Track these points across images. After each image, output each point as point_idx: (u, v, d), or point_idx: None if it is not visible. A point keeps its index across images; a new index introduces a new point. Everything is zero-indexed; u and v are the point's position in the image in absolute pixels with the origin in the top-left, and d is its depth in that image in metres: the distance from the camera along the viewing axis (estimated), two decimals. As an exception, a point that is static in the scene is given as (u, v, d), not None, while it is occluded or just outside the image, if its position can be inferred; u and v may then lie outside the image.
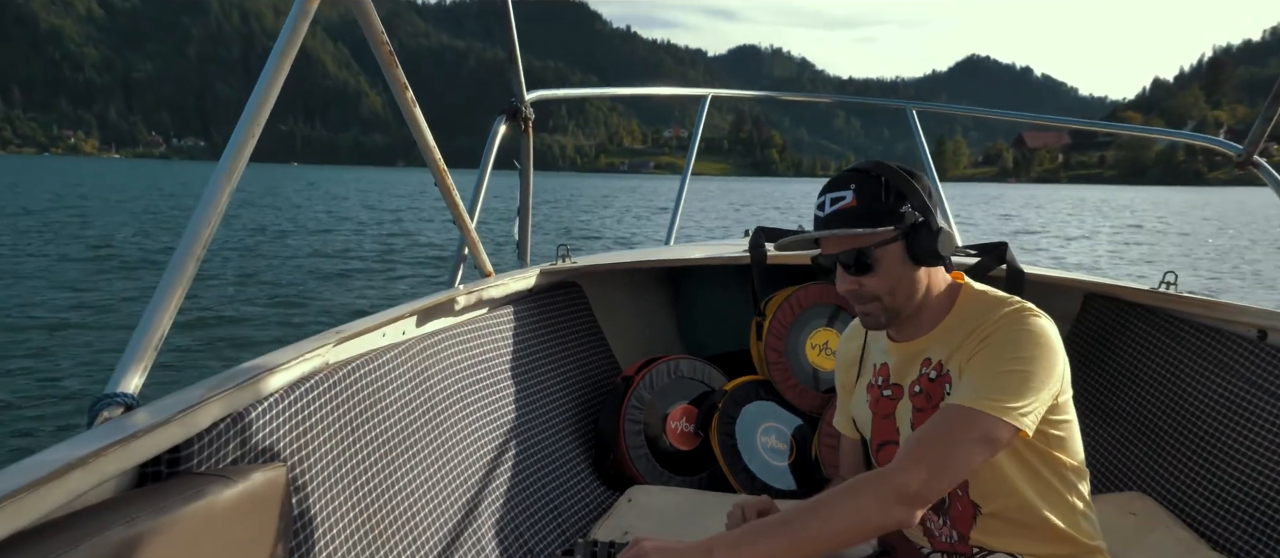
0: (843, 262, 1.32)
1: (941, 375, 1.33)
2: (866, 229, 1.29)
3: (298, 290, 10.98)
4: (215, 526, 1.06)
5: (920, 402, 1.35)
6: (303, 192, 43.58)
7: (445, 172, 1.99)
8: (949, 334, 1.34)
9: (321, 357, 1.44)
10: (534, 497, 2.05)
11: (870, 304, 1.33)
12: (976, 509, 1.34)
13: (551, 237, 18.83)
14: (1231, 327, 2.09)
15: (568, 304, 2.60)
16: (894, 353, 1.41)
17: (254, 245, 16.22)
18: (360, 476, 1.48)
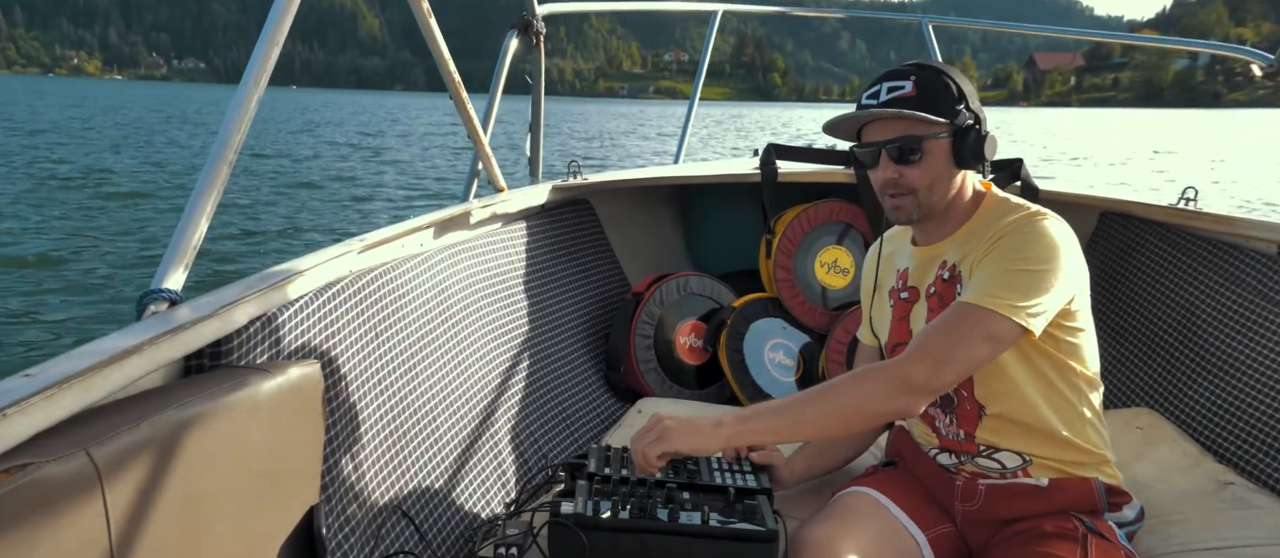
0: (889, 148, 1.32)
1: (954, 277, 1.35)
2: (921, 118, 1.30)
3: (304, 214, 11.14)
4: (259, 414, 1.12)
5: (934, 303, 1.39)
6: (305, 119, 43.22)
7: (461, 86, 2.01)
8: (967, 238, 1.36)
9: (347, 264, 1.49)
10: (547, 406, 2.10)
11: (905, 197, 1.34)
12: (982, 410, 1.37)
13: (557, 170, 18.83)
14: (1249, 243, 2.08)
15: (578, 221, 2.62)
16: (915, 257, 1.44)
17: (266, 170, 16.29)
18: (385, 377, 1.53)
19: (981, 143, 1.32)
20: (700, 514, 1.33)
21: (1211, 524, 1.58)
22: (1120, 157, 22.77)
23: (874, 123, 1.34)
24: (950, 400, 1.41)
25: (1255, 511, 1.63)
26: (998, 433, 1.38)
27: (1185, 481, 1.79)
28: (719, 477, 1.48)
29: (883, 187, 1.36)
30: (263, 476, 1.13)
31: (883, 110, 1.31)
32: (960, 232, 1.38)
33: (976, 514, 1.41)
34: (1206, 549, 1.49)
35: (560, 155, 22.15)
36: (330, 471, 1.31)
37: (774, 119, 57.48)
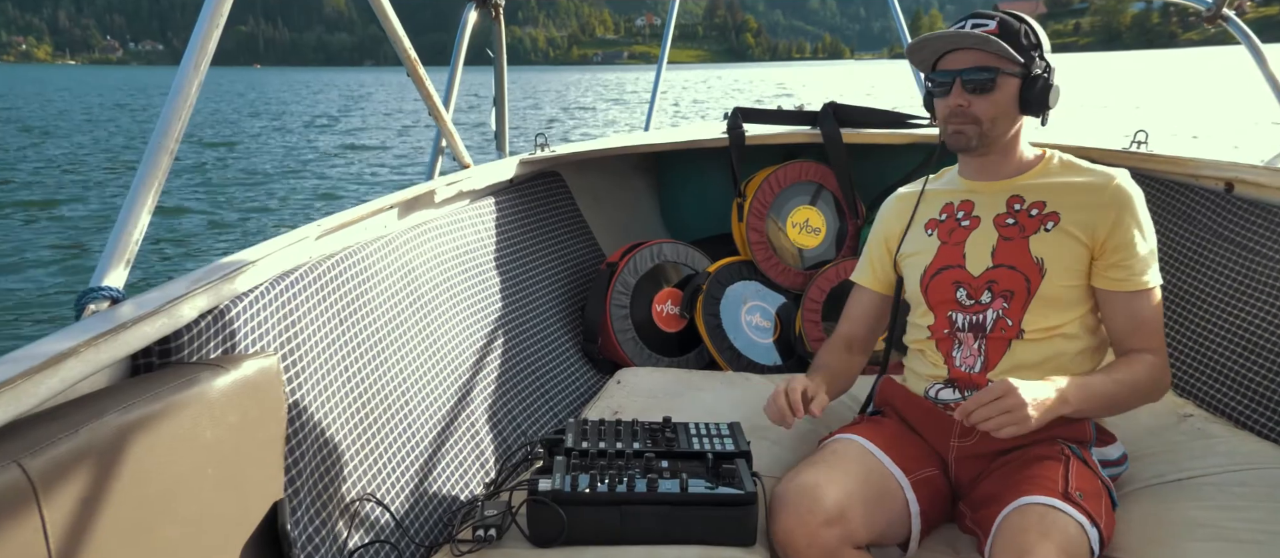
0: (965, 76, 1.41)
1: (1045, 214, 1.46)
2: (1000, 51, 1.39)
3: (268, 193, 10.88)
4: (213, 411, 1.08)
5: (1011, 231, 1.47)
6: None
7: (418, 63, 1.96)
8: (1045, 183, 1.48)
9: (305, 251, 1.45)
10: (525, 382, 2.09)
11: (968, 126, 1.43)
12: (1020, 334, 1.45)
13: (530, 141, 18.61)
14: (1199, 181, 2.13)
15: (549, 193, 2.60)
16: (979, 191, 1.53)
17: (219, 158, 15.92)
18: (352, 365, 1.50)
19: (1048, 92, 1.43)
20: (679, 482, 1.33)
21: (1173, 456, 1.64)
22: (1079, 101, 22.94)
23: (953, 52, 1.43)
24: (982, 327, 1.48)
25: (1212, 440, 1.69)
26: (1017, 365, 1.45)
27: (1148, 416, 1.83)
28: (697, 443, 1.49)
29: (949, 114, 1.44)
30: (219, 476, 1.10)
31: (968, 35, 1.39)
32: (1032, 174, 1.50)
33: (971, 449, 1.46)
34: (1170, 481, 1.55)
35: (542, 124, 21.86)
36: (295, 465, 1.28)
37: (758, 78, 57.17)
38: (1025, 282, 1.44)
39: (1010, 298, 1.45)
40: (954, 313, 1.50)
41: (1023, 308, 1.44)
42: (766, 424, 1.90)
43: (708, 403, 2.03)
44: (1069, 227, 1.43)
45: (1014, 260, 1.45)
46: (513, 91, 3.24)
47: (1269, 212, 1.96)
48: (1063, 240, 1.43)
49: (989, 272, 1.47)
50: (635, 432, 1.53)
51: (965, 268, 1.50)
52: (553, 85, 58.34)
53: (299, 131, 21.34)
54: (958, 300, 1.49)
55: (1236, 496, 1.47)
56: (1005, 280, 1.45)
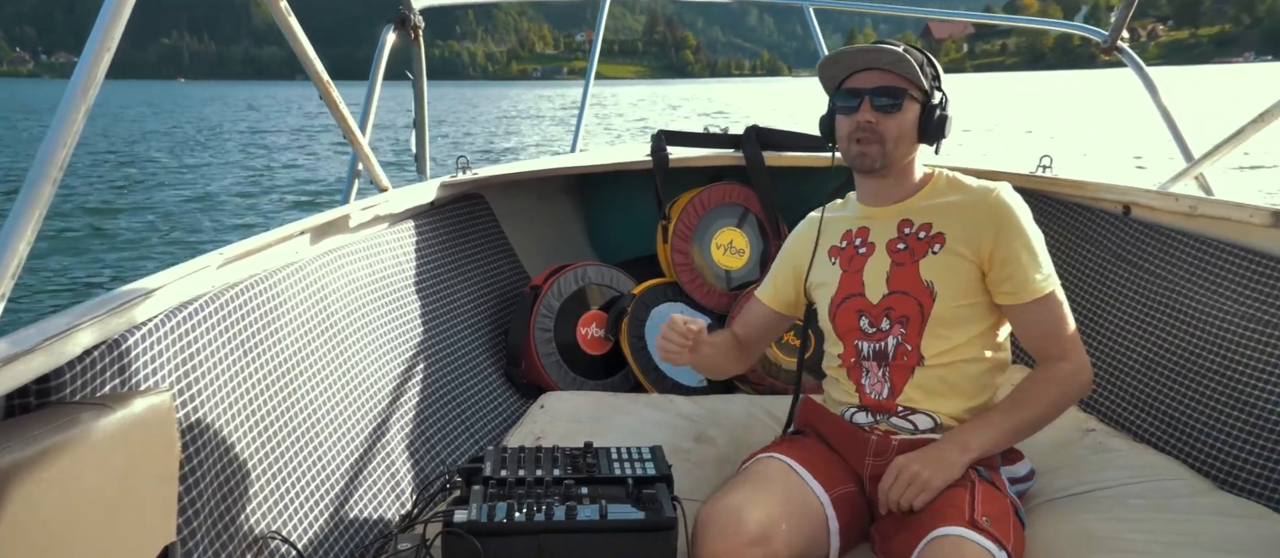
0: (875, 94, 1.46)
1: (931, 236, 1.49)
2: (907, 74, 1.45)
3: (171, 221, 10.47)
4: (96, 453, 1.03)
5: (902, 257, 1.51)
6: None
7: (330, 85, 1.91)
8: (932, 205, 1.52)
9: (207, 280, 1.41)
10: (445, 409, 2.05)
11: (873, 145, 1.47)
12: (921, 360, 1.48)
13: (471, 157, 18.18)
14: (1098, 204, 2.23)
15: (471, 216, 2.56)
16: (874, 217, 1.57)
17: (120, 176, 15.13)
18: (257, 397, 1.46)
19: (944, 122, 1.50)
20: (598, 508, 1.32)
21: (1075, 470, 1.70)
22: (997, 121, 23.81)
23: (862, 72, 1.49)
24: (885, 354, 1.51)
25: (1113, 454, 1.77)
26: (923, 390, 1.48)
27: (1054, 431, 1.87)
28: (618, 468, 1.47)
29: (854, 130, 1.48)
30: (105, 521, 1.05)
31: (884, 51, 1.45)
32: (920, 196, 1.53)
33: (885, 466, 1.47)
34: (1072, 495, 1.61)
35: (484, 140, 21.32)
36: (191, 505, 1.24)
37: (699, 95, 57.42)
38: (918, 306, 1.47)
39: (907, 323, 1.48)
40: (859, 342, 1.54)
41: (919, 333, 1.47)
42: (689, 447, 1.91)
43: (632, 426, 2.03)
44: (955, 246, 1.47)
45: (906, 286, 1.49)
46: (452, 108, 3.21)
47: (1162, 234, 2.05)
48: (950, 261, 1.47)
49: (886, 298, 1.50)
50: (556, 458, 1.52)
51: (865, 295, 1.53)
52: (491, 99, 57.90)
53: (215, 149, 20.55)
54: (861, 329, 1.53)
55: (1134, 508, 1.53)
56: (900, 306, 1.49)
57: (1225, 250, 1.89)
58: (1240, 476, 1.69)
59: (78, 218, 10.18)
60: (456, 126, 27.96)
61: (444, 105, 43.45)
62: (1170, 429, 1.87)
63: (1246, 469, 1.69)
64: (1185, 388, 1.88)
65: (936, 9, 3.69)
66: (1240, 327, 1.80)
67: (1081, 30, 2.68)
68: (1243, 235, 1.88)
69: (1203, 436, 1.79)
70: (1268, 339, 1.75)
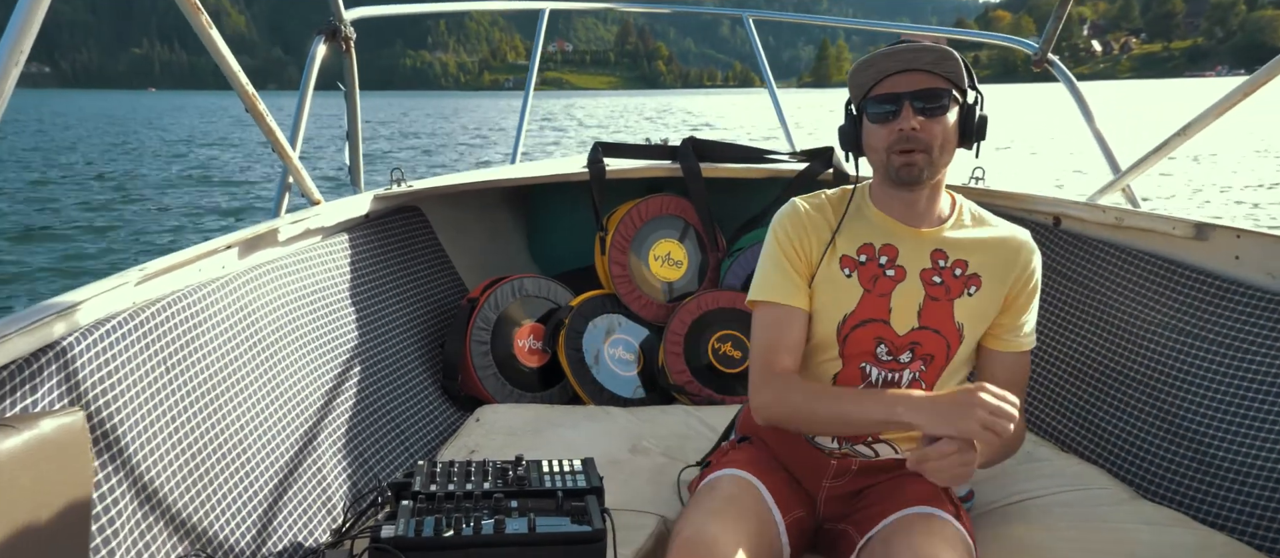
0: (916, 98, 1.32)
1: (968, 277, 1.40)
2: (950, 74, 1.33)
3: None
4: (0, 477, 1.01)
5: (938, 292, 1.40)
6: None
7: (256, 98, 1.88)
8: (962, 239, 1.42)
9: (126, 296, 1.39)
10: (379, 423, 2.03)
11: (919, 153, 1.33)
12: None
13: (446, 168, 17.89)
14: (1031, 215, 2.26)
15: (408, 229, 2.54)
16: (903, 236, 1.41)
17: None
18: (180, 415, 1.44)
19: (984, 125, 1.38)
20: (527, 522, 1.31)
21: (1005, 479, 1.72)
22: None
23: (897, 74, 1.33)
24: (897, 386, 1.42)
25: (1039, 463, 1.79)
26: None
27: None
28: (549, 481, 1.46)
29: (897, 140, 1.33)
30: (10, 546, 1.03)
31: (926, 49, 1.32)
32: (948, 225, 1.42)
33: (842, 488, 1.46)
34: (1000, 505, 1.62)
35: (457, 149, 20.99)
36: (109, 525, 1.22)
37: (674, 105, 57.45)
38: (946, 346, 1.40)
39: (929, 362, 1.40)
40: (869, 366, 1.42)
41: (939, 372, 1.41)
42: (624, 459, 1.90)
43: (568, 438, 2.02)
44: (989, 292, 1.40)
45: (938, 324, 1.39)
46: (424, 117, 3.20)
47: (1090, 245, 2.08)
48: (983, 307, 1.40)
49: (914, 332, 1.39)
50: (486, 472, 1.50)
51: (890, 325, 1.40)
52: (466, 109, 57.65)
53: (168, 162, 19.77)
54: (876, 356, 1.41)
55: (1058, 516, 1.55)
56: (928, 344, 1.40)
57: (1149, 262, 1.92)
58: (1161, 484, 1.72)
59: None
60: (434, 138, 27.69)
61: (419, 115, 43.28)
62: (1096, 438, 1.89)
63: (1166, 478, 1.71)
64: (1110, 397, 1.90)
65: (862, 20, 3.72)
66: (1162, 337, 1.83)
67: (1014, 43, 2.72)
68: (1166, 247, 1.91)
69: (1126, 444, 1.82)
70: (1187, 349, 1.77)
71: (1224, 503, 1.60)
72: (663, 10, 3.64)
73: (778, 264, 1.45)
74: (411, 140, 26.31)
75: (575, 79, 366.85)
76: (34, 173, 16.43)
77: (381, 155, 20.23)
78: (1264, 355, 1.65)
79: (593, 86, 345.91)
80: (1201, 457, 1.67)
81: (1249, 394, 1.65)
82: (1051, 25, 2.43)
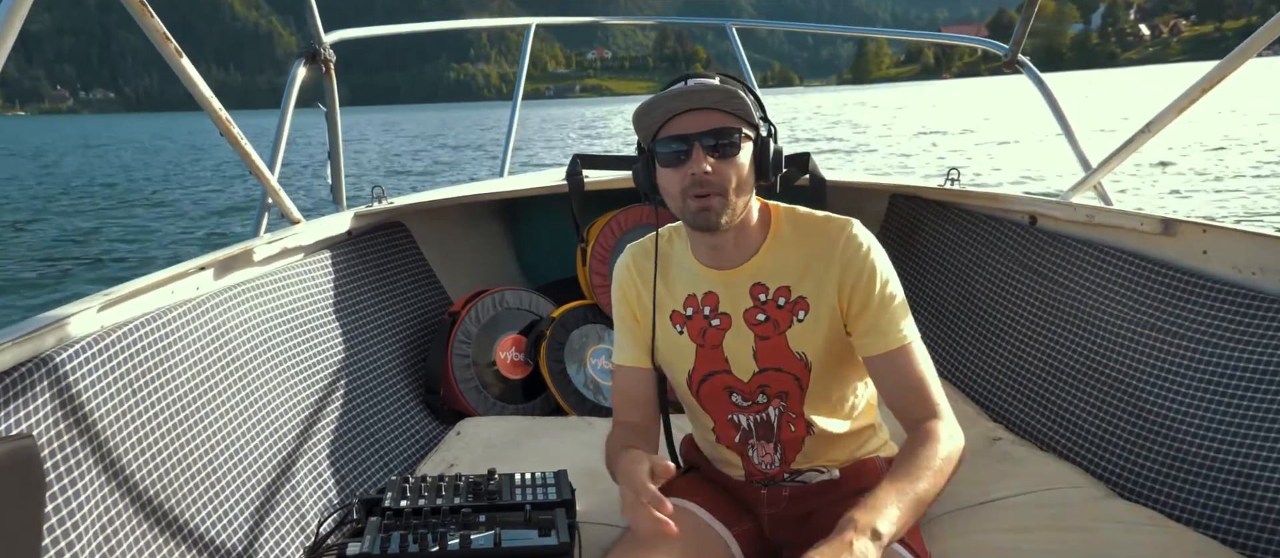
0: (706, 140, 1.26)
1: (793, 303, 1.33)
2: (738, 111, 1.27)
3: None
4: None
5: (766, 329, 1.34)
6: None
7: (231, 122, 1.92)
8: (778, 260, 1.34)
9: (87, 321, 1.40)
10: (358, 440, 2.04)
11: (715, 197, 1.26)
12: (810, 428, 1.38)
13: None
14: (1008, 215, 2.25)
15: (391, 245, 2.58)
16: (717, 280, 1.37)
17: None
18: (146, 439, 1.44)
19: (780, 156, 1.32)
20: (493, 536, 1.32)
21: (980, 480, 1.71)
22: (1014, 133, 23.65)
23: (681, 117, 1.28)
24: (770, 425, 1.39)
25: (1017, 462, 1.78)
26: (813, 452, 1.41)
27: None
28: (520, 494, 1.47)
29: (691, 185, 1.26)
30: None
31: (713, 88, 1.26)
32: (764, 251, 1.35)
33: (781, 514, 1.45)
34: (974, 505, 1.62)
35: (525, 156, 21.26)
36: (68, 550, 1.22)
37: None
38: (795, 380, 1.35)
39: (786, 397, 1.36)
40: (735, 416, 1.40)
41: (801, 403, 1.36)
42: (602, 470, 1.88)
43: (548, 450, 2.03)
44: (818, 311, 1.32)
45: (778, 362, 1.34)
46: (464, 129, 3.28)
47: (1066, 243, 2.07)
48: (818, 328, 1.33)
49: (757, 376, 1.36)
50: (457, 486, 1.52)
51: (732, 373, 1.37)
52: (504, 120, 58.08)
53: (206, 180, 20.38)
54: (735, 404, 1.39)
55: (1031, 517, 1.55)
56: (776, 383, 1.35)
57: (1121, 258, 1.92)
58: (1136, 482, 1.71)
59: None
60: (485, 150, 27.94)
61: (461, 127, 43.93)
62: (1073, 437, 1.88)
63: (1141, 476, 1.70)
64: (1086, 395, 1.89)
65: (856, 27, 3.70)
66: (1134, 332, 1.82)
67: (984, 44, 2.69)
68: (1137, 243, 1.91)
69: (1102, 442, 1.81)
70: (1159, 344, 1.76)
71: (1197, 499, 1.59)
72: (648, 22, 3.65)
73: (620, 325, 1.49)
74: (438, 154, 26.65)
75: (615, 85, 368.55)
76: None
77: (407, 169, 20.37)
78: (1231, 349, 1.64)
79: (632, 92, 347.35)
80: (1174, 452, 1.66)
81: (1218, 389, 1.64)
82: (1019, 27, 2.42)
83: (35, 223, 12.65)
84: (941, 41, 3.32)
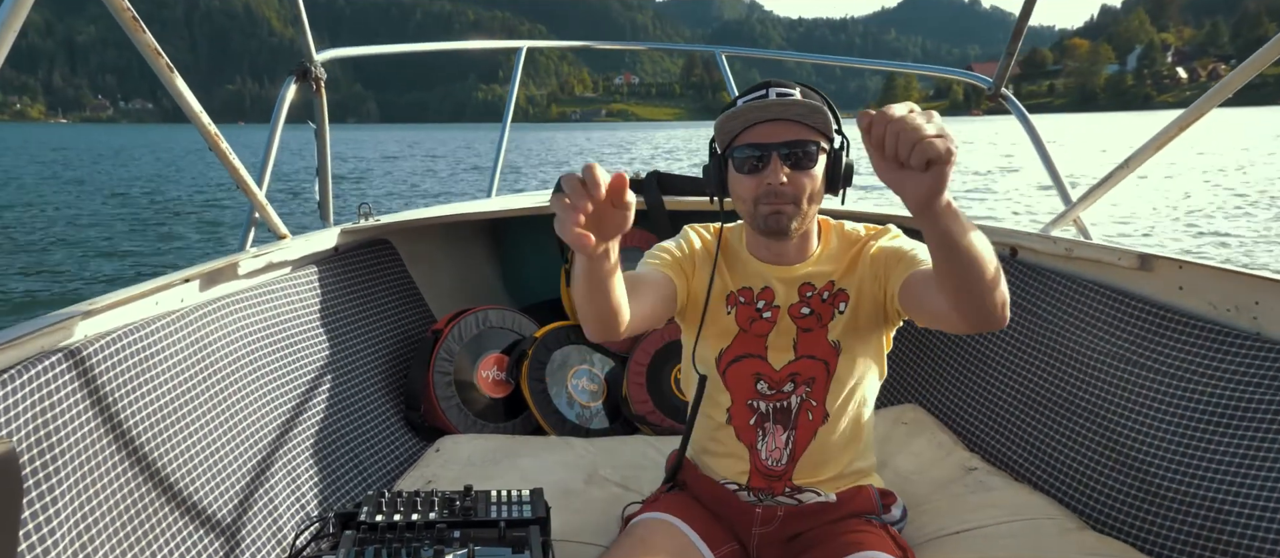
0: (784, 151, 1.30)
1: (835, 295, 1.41)
2: (819, 125, 1.31)
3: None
4: None
5: (809, 322, 1.42)
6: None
7: (219, 137, 1.94)
8: (827, 263, 1.43)
9: (69, 330, 1.40)
10: (337, 455, 2.05)
11: (788, 205, 1.32)
12: (825, 418, 1.43)
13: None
14: None
15: (377, 261, 2.60)
16: (774, 278, 1.44)
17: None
18: (125, 449, 1.44)
19: (850, 172, 1.36)
20: (467, 552, 1.32)
21: (956, 509, 1.73)
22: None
23: (759, 126, 1.32)
24: (788, 413, 1.43)
25: (991, 492, 1.80)
26: (823, 452, 1.45)
27: (939, 470, 1.95)
28: (495, 511, 1.47)
29: (765, 193, 1.31)
30: None
31: (795, 103, 1.29)
32: (812, 258, 1.44)
33: (771, 535, 1.45)
34: (948, 534, 1.63)
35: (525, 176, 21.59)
36: (45, 555, 1.22)
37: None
38: (824, 366, 1.42)
39: (812, 384, 1.42)
40: (755, 401, 1.45)
41: (825, 390, 1.42)
42: (579, 488, 1.91)
43: (526, 468, 2.04)
44: (856, 298, 1.40)
45: (814, 350, 1.41)
46: (488, 148, 3.33)
47: (1045, 276, 2.07)
48: (855, 316, 1.40)
49: (790, 364, 1.42)
50: (433, 502, 1.52)
51: (767, 361, 1.44)
52: (536, 142, 58.81)
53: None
54: (757, 391, 1.45)
55: (1004, 547, 1.56)
56: (806, 370, 1.42)
57: (1098, 292, 1.93)
58: (1108, 515, 1.71)
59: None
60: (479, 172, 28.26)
61: (484, 146, 44.48)
62: (1047, 468, 1.89)
63: (1114, 508, 1.71)
64: (1061, 427, 1.90)
65: (845, 57, 3.72)
66: (1110, 366, 1.83)
67: (969, 78, 2.69)
68: (1113, 277, 1.92)
69: (1076, 474, 1.81)
70: (1133, 379, 1.77)
71: (1167, 533, 1.59)
72: (638, 48, 3.68)
73: (674, 247, 1.49)
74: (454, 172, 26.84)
75: (640, 111, 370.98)
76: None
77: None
78: (1204, 385, 1.65)
79: (658, 118, 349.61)
80: (1147, 487, 1.66)
81: (1191, 424, 1.64)
82: (1003, 62, 2.43)
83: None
84: (924, 73, 3.32)
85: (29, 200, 17.83)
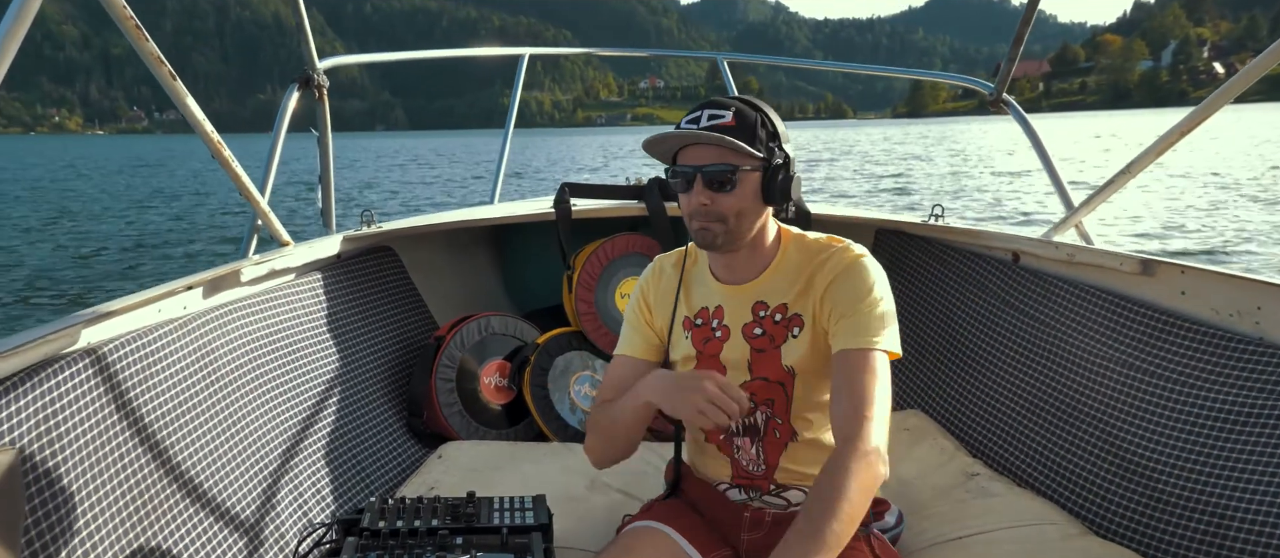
0: (705, 173, 1.35)
1: (789, 319, 1.41)
2: (738, 148, 1.34)
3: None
4: None
5: (762, 343, 1.42)
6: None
7: (221, 144, 1.96)
8: (781, 280, 1.42)
9: (73, 336, 1.42)
10: (340, 461, 2.06)
11: (714, 224, 1.36)
12: (794, 435, 1.43)
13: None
14: (990, 252, 2.25)
15: (380, 269, 2.61)
16: (723, 295, 1.46)
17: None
18: (128, 455, 1.45)
19: (790, 183, 1.37)
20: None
21: (957, 515, 1.72)
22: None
23: (691, 147, 1.37)
24: (757, 429, 1.45)
25: (993, 498, 1.78)
26: (797, 461, 1.44)
27: (940, 476, 1.93)
28: (497, 517, 1.47)
29: (693, 211, 1.38)
30: None
31: (703, 134, 1.34)
32: (769, 271, 1.43)
33: (762, 541, 1.45)
34: (949, 541, 1.63)
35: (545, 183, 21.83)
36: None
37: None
38: (781, 388, 1.43)
39: (772, 404, 1.44)
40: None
41: (787, 410, 1.43)
42: (581, 495, 1.91)
43: (528, 474, 2.04)
44: (810, 324, 1.39)
45: (767, 372, 1.43)
46: (512, 152, 3.38)
47: (1047, 281, 2.06)
48: (809, 342, 1.40)
49: (747, 384, 1.44)
50: (435, 509, 1.52)
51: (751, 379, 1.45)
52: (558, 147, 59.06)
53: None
54: None
55: (1007, 553, 1.56)
56: (763, 391, 1.44)
57: (1100, 297, 1.91)
58: (1111, 520, 1.71)
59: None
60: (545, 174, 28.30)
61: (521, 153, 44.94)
62: (1050, 474, 1.87)
63: (1117, 514, 1.70)
64: (1064, 433, 1.89)
65: (846, 63, 3.72)
66: (1112, 371, 1.82)
67: (970, 82, 2.67)
68: (1116, 283, 1.90)
69: (1079, 480, 1.81)
70: (1135, 383, 1.76)
71: (1171, 538, 1.58)
72: (641, 54, 3.69)
73: (633, 317, 1.57)
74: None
75: (666, 114, 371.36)
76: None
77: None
78: (1207, 390, 1.63)
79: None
80: (1150, 492, 1.65)
81: (1194, 429, 1.62)
82: (1004, 67, 2.42)
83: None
84: (927, 78, 3.32)
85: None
